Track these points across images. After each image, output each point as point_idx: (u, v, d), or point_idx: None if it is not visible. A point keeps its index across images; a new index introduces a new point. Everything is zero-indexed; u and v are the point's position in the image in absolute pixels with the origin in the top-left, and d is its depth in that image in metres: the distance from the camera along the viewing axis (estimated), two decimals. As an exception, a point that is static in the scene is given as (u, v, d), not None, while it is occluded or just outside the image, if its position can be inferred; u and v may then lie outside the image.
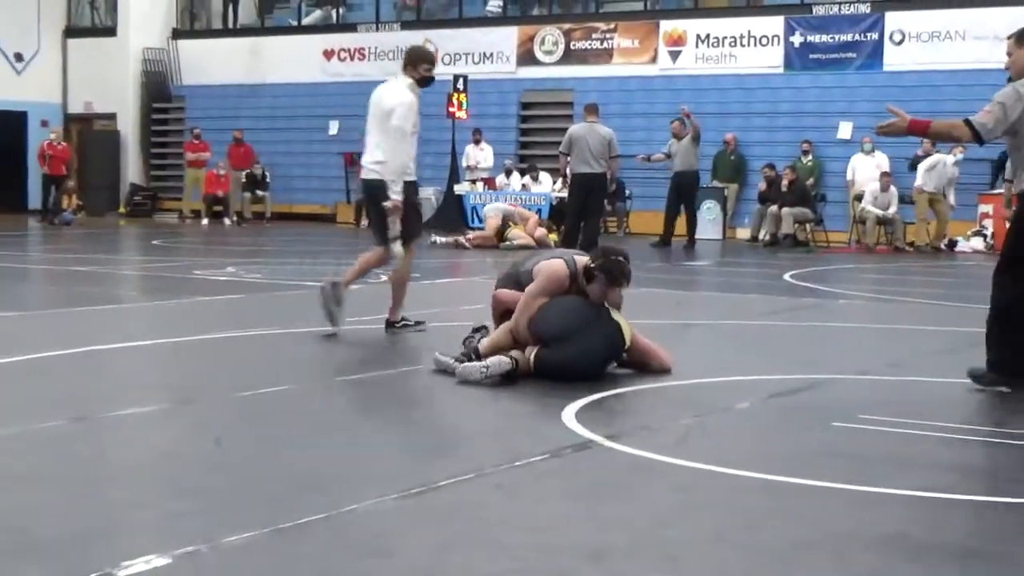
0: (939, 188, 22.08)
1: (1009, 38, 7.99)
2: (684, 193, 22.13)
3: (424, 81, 9.95)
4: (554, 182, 25.11)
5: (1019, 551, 4.33)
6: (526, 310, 7.65)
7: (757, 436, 6.38)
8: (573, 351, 7.46)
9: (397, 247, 9.58)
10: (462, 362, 7.54)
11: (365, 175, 9.77)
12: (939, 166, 22.10)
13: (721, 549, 4.32)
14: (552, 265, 7.81)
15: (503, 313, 8.02)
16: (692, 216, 22.37)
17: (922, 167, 22.20)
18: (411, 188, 9.66)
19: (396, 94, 9.75)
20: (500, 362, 7.35)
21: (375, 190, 9.59)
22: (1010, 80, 7.90)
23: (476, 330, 8.10)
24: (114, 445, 5.79)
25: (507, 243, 20.84)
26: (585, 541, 4.30)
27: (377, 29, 30.47)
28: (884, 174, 22.57)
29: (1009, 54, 7.94)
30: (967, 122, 7.62)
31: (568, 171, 18.65)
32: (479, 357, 7.58)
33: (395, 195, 9.43)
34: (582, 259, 7.85)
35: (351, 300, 9.62)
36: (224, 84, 31.51)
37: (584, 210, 17.83)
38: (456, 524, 4.48)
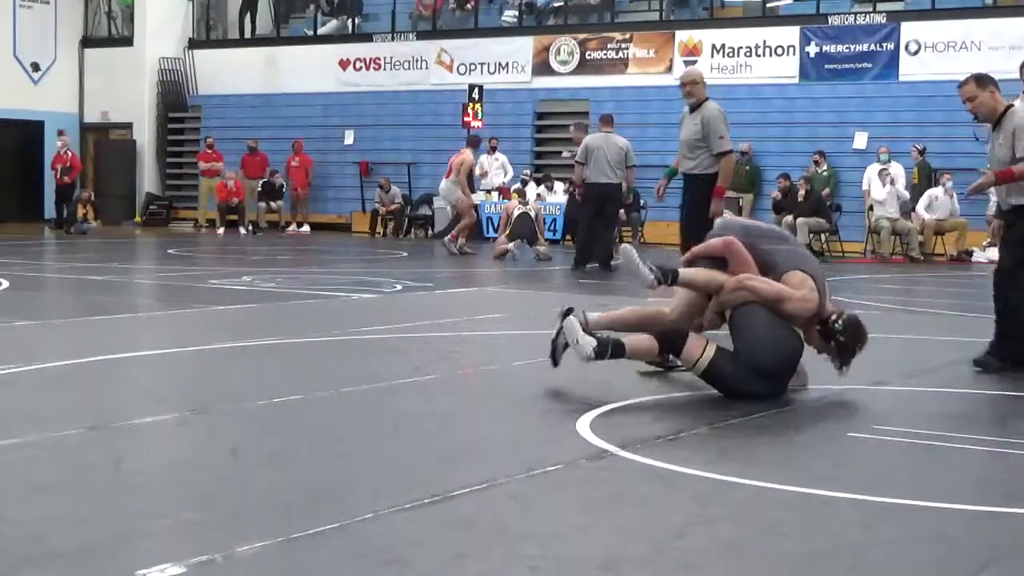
0: (944, 216, 22.23)
1: (967, 82, 8.34)
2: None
3: None
4: (566, 191, 25.04)
5: (1036, 563, 4.31)
6: (758, 295, 7.29)
7: (773, 446, 6.36)
8: (762, 386, 7.28)
9: None
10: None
11: None
12: (933, 202, 22.21)
13: (738, 560, 4.31)
14: (807, 295, 7.31)
15: (705, 258, 7.67)
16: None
17: (920, 204, 22.30)
18: None
19: None
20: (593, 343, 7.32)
21: None
22: (976, 120, 8.41)
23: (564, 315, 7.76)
24: (130, 454, 5.79)
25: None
26: (601, 551, 4.29)
27: (393, 39, 30.54)
28: (882, 170, 22.52)
29: (972, 98, 8.32)
30: None
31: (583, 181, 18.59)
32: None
33: None
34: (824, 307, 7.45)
35: (367, 309, 9.61)
36: (240, 94, 31.62)
37: (599, 220, 17.83)
38: (471, 534, 4.48)
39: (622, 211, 21.53)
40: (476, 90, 26.52)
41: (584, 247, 18.02)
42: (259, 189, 29.05)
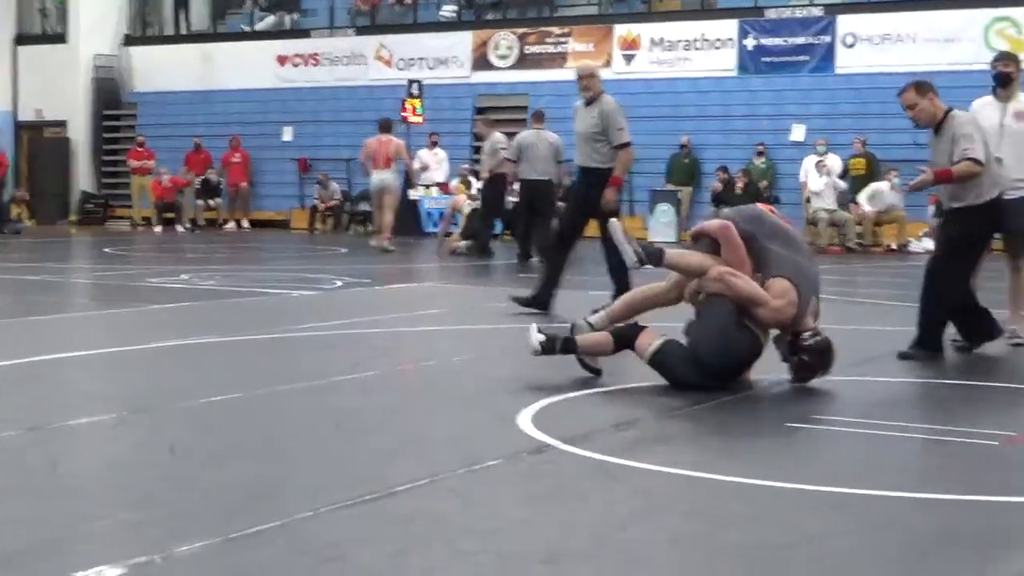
0: (885, 209, 22.41)
1: (907, 90, 8.55)
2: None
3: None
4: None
5: (984, 550, 4.34)
6: (737, 289, 7.29)
7: (714, 437, 6.38)
8: (702, 379, 7.28)
9: None
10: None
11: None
12: (877, 196, 22.39)
13: (681, 551, 4.31)
14: (782, 306, 7.30)
15: (704, 241, 7.71)
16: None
17: (862, 197, 22.49)
18: None
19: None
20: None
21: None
22: (916, 126, 8.91)
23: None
24: (67, 455, 5.72)
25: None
26: (543, 546, 4.28)
27: (331, 35, 30.42)
28: (819, 161, 22.69)
29: (913, 105, 8.53)
30: (977, 162, 8.52)
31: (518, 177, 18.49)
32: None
33: None
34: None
35: (307, 306, 9.56)
36: (177, 91, 31.36)
37: (533, 215, 17.84)
38: (412, 530, 4.45)
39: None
40: (415, 85, 26.45)
41: (525, 242, 18.14)
42: (197, 186, 28.86)
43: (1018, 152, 9.24)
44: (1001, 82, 9.62)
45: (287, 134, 30.03)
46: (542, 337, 7.58)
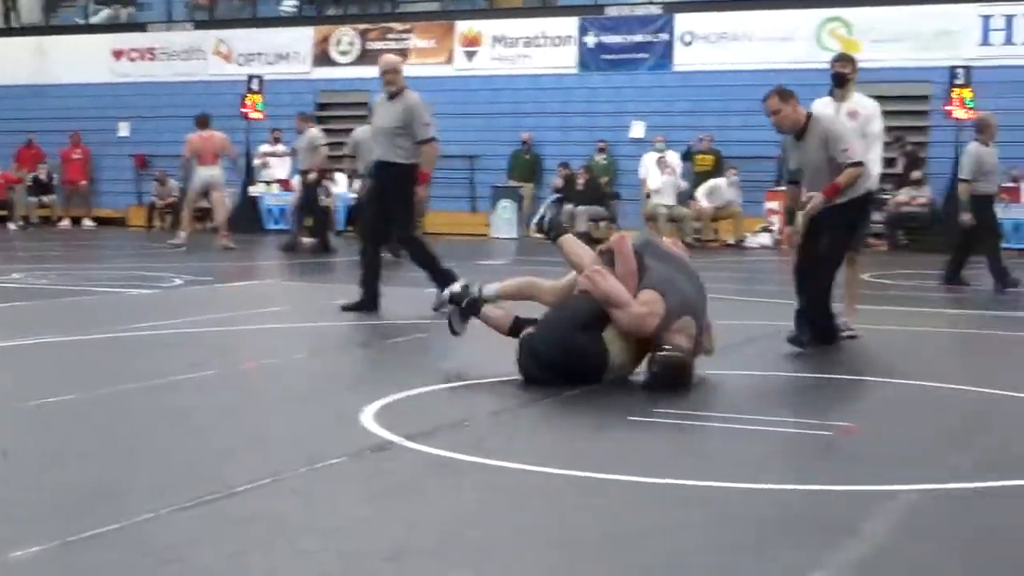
0: (723, 204, 22.80)
1: (771, 97, 8.79)
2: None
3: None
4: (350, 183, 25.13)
5: (821, 538, 4.43)
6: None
7: (556, 432, 6.43)
8: (538, 372, 7.38)
9: None
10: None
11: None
12: (716, 191, 22.78)
13: (525, 546, 4.33)
14: (644, 314, 7.34)
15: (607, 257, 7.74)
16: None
17: (700, 193, 22.85)
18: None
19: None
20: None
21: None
22: (779, 131, 9.12)
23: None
24: None
25: None
26: (387, 543, 4.27)
27: (168, 29, 29.94)
28: (660, 158, 22.99)
29: (776, 111, 8.76)
30: (859, 163, 8.85)
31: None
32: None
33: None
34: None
35: (146, 305, 9.39)
36: (8, 85, 30.56)
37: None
38: (253, 530, 4.41)
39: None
40: (255, 81, 26.15)
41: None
42: (29, 183, 28.17)
43: None
44: (838, 82, 9.87)
45: (124, 130, 29.48)
46: (458, 288, 7.97)
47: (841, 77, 9.88)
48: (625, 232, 7.90)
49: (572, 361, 7.36)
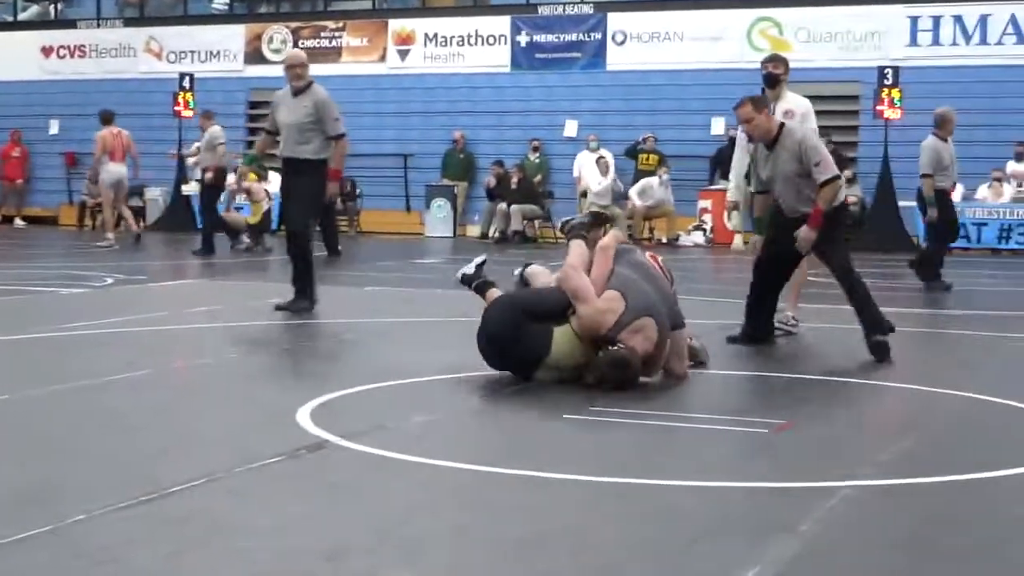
0: (655, 203, 22.89)
1: (743, 105, 8.81)
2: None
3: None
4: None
5: (753, 535, 4.47)
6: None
7: (492, 431, 6.44)
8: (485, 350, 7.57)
9: None
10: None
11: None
12: (648, 190, 22.88)
13: (462, 544, 4.34)
14: (603, 311, 7.37)
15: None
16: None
17: (633, 192, 22.95)
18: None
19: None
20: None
21: None
22: (750, 140, 9.28)
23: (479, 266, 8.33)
24: None
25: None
26: (323, 542, 4.26)
27: (98, 26, 29.67)
28: (600, 158, 23.04)
29: (748, 120, 8.79)
30: (834, 177, 8.79)
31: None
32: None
33: None
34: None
35: (77, 304, 9.29)
36: (-67, 81, 30.18)
37: (331, 209, 18.69)
38: (189, 530, 4.38)
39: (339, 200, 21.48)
40: (187, 79, 25.97)
41: (331, 236, 18.91)
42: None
43: None
44: (769, 83, 9.95)
45: (53, 127, 29.20)
46: (471, 270, 8.17)
47: (773, 78, 9.96)
48: (614, 237, 7.92)
49: (512, 345, 7.43)
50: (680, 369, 7.74)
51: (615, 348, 7.22)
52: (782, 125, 9.02)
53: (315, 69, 28.17)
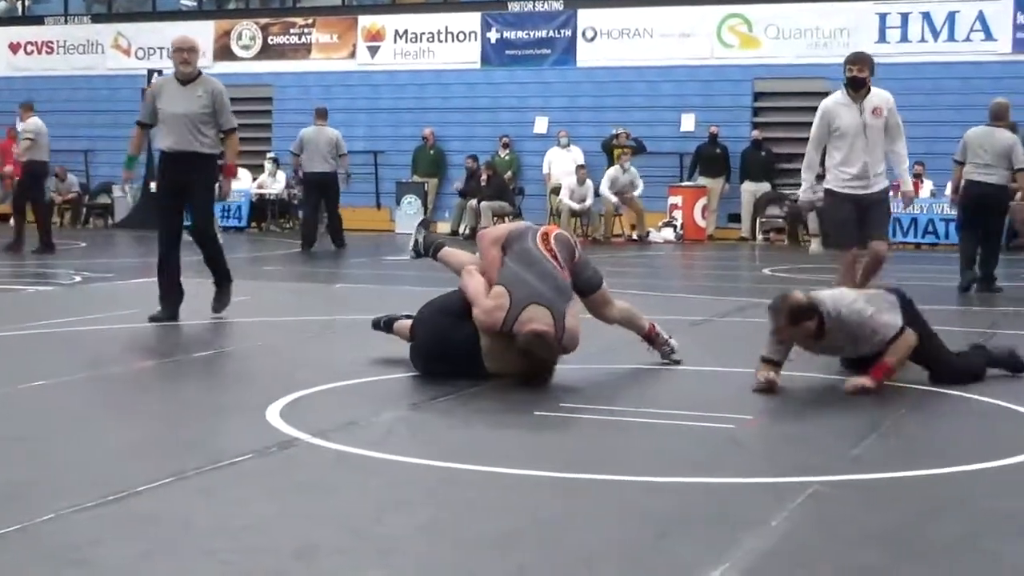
0: (619, 189, 22.88)
1: (782, 327, 7.28)
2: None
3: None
4: (254, 179, 25.26)
5: (719, 530, 4.48)
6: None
7: (462, 428, 6.42)
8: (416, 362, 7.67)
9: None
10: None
11: None
12: (615, 182, 22.87)
13: (433, 541, 4.33)
14: (490, 310, 7.43)
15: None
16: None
17: (603, 183, 22.94)
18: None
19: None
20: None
21: None
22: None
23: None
24: None
25: None
26: (294, 541, 4.25)
27: (66, 22, 29.52)
28: (580, 167, 23.13)
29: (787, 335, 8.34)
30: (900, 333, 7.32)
31: (302, 170, 20.27)
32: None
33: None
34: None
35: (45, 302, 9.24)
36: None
37: (320, 204, 20.03)
38: (158, 530, 4.36)
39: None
40: (155, 75, 25.82)
41: (310, 231, 19.75)
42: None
43: None
44: (855, 86, 9.76)
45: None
46: (420, 237, 8.35)
47: (859, 81, 9.77)
48: (499, 227, 8.05)
49: (445, 349, 7.50)
50: (611, 313, 8.13)
51: (522, 337, 7.27)
52: (823, 319, 7.24)
53: (284, 65, 28.42)
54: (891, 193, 10.35)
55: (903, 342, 7.23)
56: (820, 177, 10.23)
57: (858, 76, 9.75)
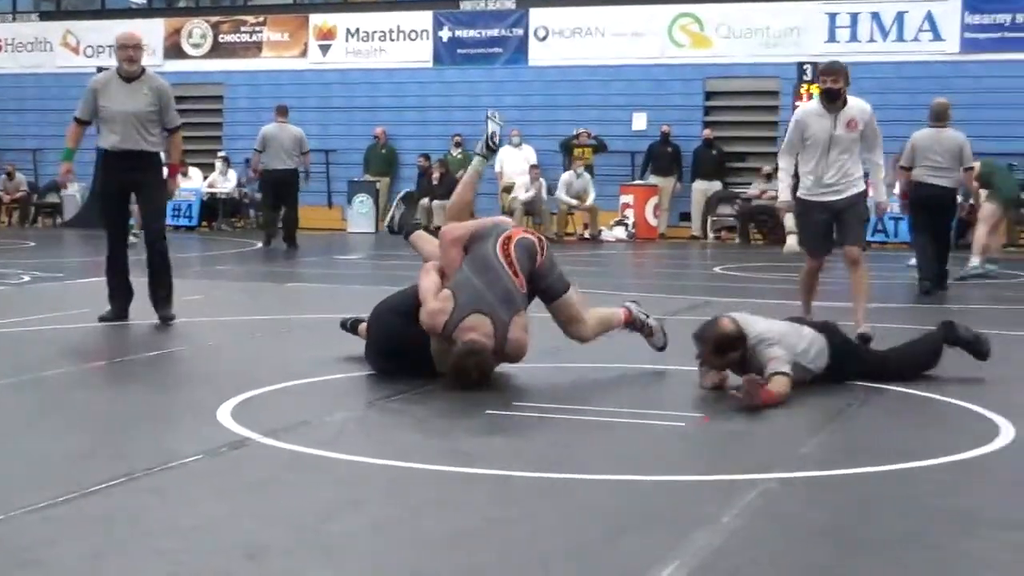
0: (574, 194, 22.97)
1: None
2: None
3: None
4: (204, 177, 25.22)
5: (675, 527, 4.51)
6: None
7: (413, 427, 6.43)
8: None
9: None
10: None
11: None
12: (570, 185, 22.95)
13: (383, 541, 4.34)
14: (434, 312, 7.39)
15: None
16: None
17: (560, 185, 23.00)
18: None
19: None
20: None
21: None
22: None
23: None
24: None
25: None
26: (244, 540, 4.24)
27: (14, 19, 29.29)
28: (533, 167, 23.19)
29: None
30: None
31: (261, 167, 20.30)
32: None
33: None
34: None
35: None
36: None
37: (279, 201, 20.21)
38: (110, 531, 4.35)
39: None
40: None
41: (266, 227, 20.32)
42: None
43: None
44: (830, 97, 9.64)
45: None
46: (398, 214, 8.35)
47: (833, 93, 9.63)
48: (463, 224, 7.94)
49: (398, 347, 7.53)
50: (583, 332, 7.90)
51: (460, 345, 7.23)
52: None
53: (235, 64, 28.28)
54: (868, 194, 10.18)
55: (781, 385, 6.91)
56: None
57: (832, 87, 9.63)
